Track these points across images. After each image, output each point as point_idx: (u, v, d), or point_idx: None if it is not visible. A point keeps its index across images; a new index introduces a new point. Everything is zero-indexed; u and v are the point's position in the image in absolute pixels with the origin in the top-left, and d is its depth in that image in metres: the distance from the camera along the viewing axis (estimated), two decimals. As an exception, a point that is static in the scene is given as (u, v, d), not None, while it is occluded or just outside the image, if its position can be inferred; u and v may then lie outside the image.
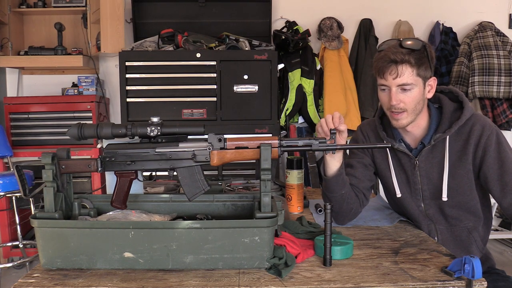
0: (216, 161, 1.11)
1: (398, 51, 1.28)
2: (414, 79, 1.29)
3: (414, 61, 1.27)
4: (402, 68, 1.28)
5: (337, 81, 3.36)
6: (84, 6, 3.40)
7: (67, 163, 1.10)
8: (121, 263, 1.03)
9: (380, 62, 1.31)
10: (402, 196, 1.45)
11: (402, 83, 1.29)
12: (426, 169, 1.40)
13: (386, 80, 1.31)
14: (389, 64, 1.29)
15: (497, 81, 3.35)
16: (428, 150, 1.38)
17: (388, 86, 1.32)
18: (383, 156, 1.49)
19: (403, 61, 1.27)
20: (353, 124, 3.41)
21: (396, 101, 1.31)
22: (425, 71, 1.30)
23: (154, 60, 3.03)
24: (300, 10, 3.64)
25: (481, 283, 0.96)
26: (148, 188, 1.84)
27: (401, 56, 1.27)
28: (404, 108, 1.32)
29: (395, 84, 1.30)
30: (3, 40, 3.36)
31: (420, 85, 1.31)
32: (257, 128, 3.03)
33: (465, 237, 1.41)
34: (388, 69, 1.29)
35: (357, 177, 1.47)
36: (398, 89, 1.31)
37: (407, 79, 1.28)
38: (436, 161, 1.38)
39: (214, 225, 1.02)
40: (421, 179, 1.41)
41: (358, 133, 1.58)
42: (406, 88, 1.30)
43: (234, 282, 0.96)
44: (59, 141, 3.17)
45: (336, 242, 1.12)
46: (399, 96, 1.31)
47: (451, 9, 3.69)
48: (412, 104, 1.32)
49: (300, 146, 1.12)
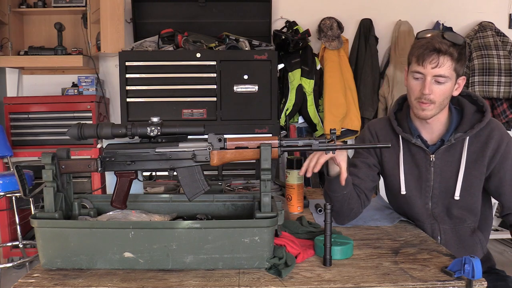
0: (216, 161, 1.11)
1: (442, 41, 1.27)
2: (450, 73, 1.29)
3: (456, 55, 1.27)
4: (444, 59, 1.26)
5: (337, 81, 3.36)
6: (84, 6, 3.39)
7: (67, 163, 1.10)
8: (121, 263, 1.03)
9: (422, 49, 1.29)
10: (407, 193, 1.45)
11: (439, 74, 1.27)
12: (441, 166, 1.40)
13: (424, 68, 1.28)
14: (431, 53, 1.27)
15: (497, 81, 3.35)
16: (446, 148, 1.38)
17: (424, 74, 1.30)
18: (394, 152, 1.47)
19: (446, 52, 1.26)
20: (353, 124, 3.41)
21: (428, 91, 1.29)
22: (461, 68, 1.30)
23: (154, 60, 3.03)
24: (300, 10, 3.64)
25: (481, 283, 0.96)
26: (148, 188, 1.84)
27: (445, 47, 1.26)
28: (433, 100, 1.31)
29: (432, 74, 1.28)
30: (3, 40, 3.36)
31: (453, 80, 1.31)
32: (257, 128, 3.03)
33: (468, 237, 1.41)
34: (430, 57, 1.27)
35: (360, 177, 1.47)
36: (433, 79, 1.29)
37: (445, 71, 1.27)
38: (452, 160, 1.39)
39: (214, 225, 1.02)
40: (434, 176, 1.41)
41: (366, 132, 1.56)
42: (441, 80, 1.29)
43: (234, 282, 0.96)
44: (59, 141, 3.17)
45: (336, 242, 1.12)
46: (432, 87, 1.29)
47: (451, 9, 3.69)
48: (441, 97, 1.31)
49: (300, 146, 1.12)
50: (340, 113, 3.34)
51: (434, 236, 1.41)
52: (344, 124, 3.41)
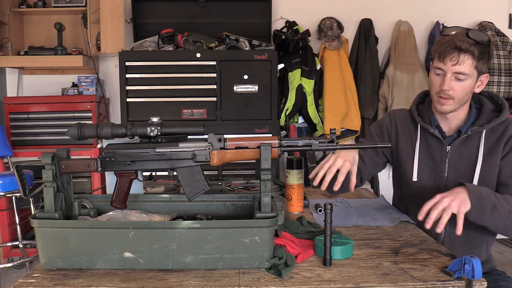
0: (216, 161, 1.11)
1: (464, 39, 1.29)
2: (471, 71, 1.31)
3: (477, 53, 1.29)
4: (464, 57, 1.29)
5: (337, 81, 3.36)
6: (84, 6, 3.39)
7: (67, 163, 1.10)
8: (121, 263, 1.03)
9: (444, 46, 1.32)
10: (418, 181, 1.47)
11: (459, 71, 1.30)
12: (456, 158, 1.41)
13: (445, 65, 1.32)
14: (452, 50, 1.30)
15: (497, 81, 3.36)
16: (462, 140, 1.40)
17: (444, 71, 1.33)
18: (411, 141, 1.50)
19: (467, 51, 1.28)
20: (353, 124, 3.41)
21: (448, 87, 1.32)
22: (483, 66, 1.32)
23: (154, 60, 3.03)
24: (300, 10, 3.64)
25: (481, 283, 0.96)
26: (148, 188, 1.84)
27: (466, 45, 1.28)
28: (452, 96, 1.34)
29: (452, 71, 1.31)
30: (3, 40, 3.36)
31: (474, 77, 1.33)
32: (257, 128, 3.03)
33: (476, 235, 1.40)
34: (450, 54, 1.30)
35: (364, 161, 1.51)
36: (453, 76, 1.32)
37: (465, 68, 1.30)
38: (467, 152, 1.40)
39: (214, 225, 1.02)
40: (448, 167, 1.42)
41: (386, 118, 1.60)
42: (461, 77, 1.31)
43: (234, 282, 0.96)
44: (59, 141, 3.17)
45: (336, 242, 1.12)
46: (451, 83, 1.33)
47: (451, 9, 3.69)
48: (461, 94, 1.34)
49: (300, 146, 1.12)
50: (340, 113, 3.34)
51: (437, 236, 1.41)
52: (344, 124, 3.41)
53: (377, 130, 1.58)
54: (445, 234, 1.42)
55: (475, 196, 1.18)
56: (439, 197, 1.18)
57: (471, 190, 1.19)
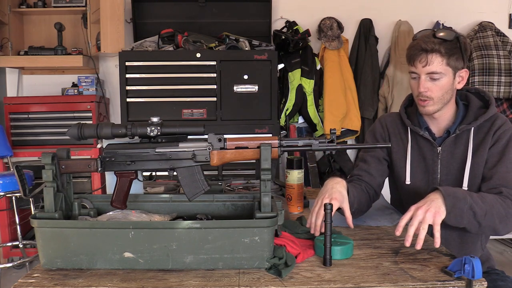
0: (216, 161, 1.11)
1: (430, 40, 1.31)
2: (443, 69, 1.32)
3: (444, 51, 1.30)
4: (432, 57, 1.31)
5: (337, 81, 3.36)
6: (84, 6, 3.39)
7: (67, 163, 1.10)
8: (121, 263, 1.03)
9: (412, 50, 1.35)
10: (411, 184, 1.46)
11: (431, 71, 1.32)
12: (447, 159, 1.42)
13: (416, 68, 1.35)
14: (419, 52, 1.32)
15: (497, 81, 3.36)
16: (451, 140, 1.41)
17: (418, 73, 1.35)
18: (402, 144, 1.50)
19: (433, 50, 1.30)
20: (353, 124, 3.41)
21: (423, 89, 1.34)
22: (456, 62, 1.33)
23: (154, 60, 3.03)
24: (300, 10, 3.64)
25: (481, 283, 0.96)
26: (148, 188, 1.84)
27: (432, 46, 1.30)
28: (430, 96, 1.35)
29: (424, 72, 1.33)
30: (3, 40, 3.36)
31: (449, 75, 1.34)
32: (257, 128, 3.03)
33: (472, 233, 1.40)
34: (418, 57, 1.33)
35: (371, 173, 1.50)
36: (427, 77, 1.34)
37: (436, 67, 1.31)
38: (458, 151, 1.41)
39: (214, 225, 1.02)
40: (441, 168, 1.43)
41: (377, 124, 1.60)
42: (435, 77, 1.33)
43: (234, 282, 0.96)
44: (59, 141, 3.17)
45: (336, 242, 1.12)
46: (427, 84, 1.34)
47: (451, 9, 3.69)
48: (439, 93, 1.35)
49: (300, 146, 1.12)
50: (340, 113, 3.34)
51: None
52: (344, 124, 3.41)
53: (372, 138, 1.59)
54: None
55: (450, 201, 1.15)
56: (413, 210, 1.14)
57: (446, 195, 1.15)
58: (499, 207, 1.22)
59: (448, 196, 1.15)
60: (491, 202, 1.21)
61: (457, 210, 1.16)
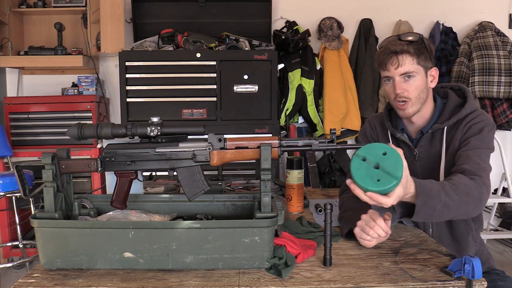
0: (216, 161, 1.11)
1: (397, 43, 1.35)
2: (415, 67, 1.35)
3: (413, 51, 1.34)
4: (402, 57, 1.34)
5: (337, 81, 3.36)
6: (84, 6, 3.39)
7: (67, 163, 1.10)
8: (121, 263, 1.03)
9: (381, 55, 1.38)
10: None
11: (404, 71, 1.35)
12: (425, 159, 1.43)
13: (389, 71, 1.37)
14: (390, 55, 1.35)
15: (497, 81, 3.35)
16: (426, 140, 1.42)
17: (392, 76, 1.37)
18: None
19: (402, 51, 1.34)
20: (353, 124, 3.41)
21: (400, 90, 1.36)
22: (425, 61, 1.36)
23: (154, 60, 3.03)
24: (300, 10, 3.64)
25: (481, 283, 0.96)
26: (148, 188, 1.84)
27: (401, 47, 1.34)
28: (408, 97, 1.37)
29: (398, 74, 1.36)
30: (3, 40, 3.36)
31: (421, 74, 1.36)
32: (257, 128, 3.03)
33: (460, 226, 1.41)
34: (390, 60, 1.35)
35: None
36: (401, 78, 1.36)
37: (408, 67, 1.34)
38: (434, 151, 1.42)
39: (214, 225, 1.02)
40: (420, 169, 1.44)
41: (366, 125, 1.63)
42: (408, 76, 1.35)
43: (234, 282, 0.96)
44: (59, 141, 3.17)
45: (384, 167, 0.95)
46: (402, 85, 1.36)
47: (451, 9, 3.69)
48: (416, 92, 1.37)
49: (300, 146, 1.12)
50: (340, 113, 3.34)
51: (425, 229, 1.43)
52: (344, 124, 3.41)
53: (364, 139, 1.61)
54: (433, 234, 1.43)
55: (422, 199, 1.08)
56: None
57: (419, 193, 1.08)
58: (474, 191, 1.17)
59: (421, 194, 1.08)
60: (465, 189, 1.15)
61: (427, 209, 1.10)
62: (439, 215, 1.13)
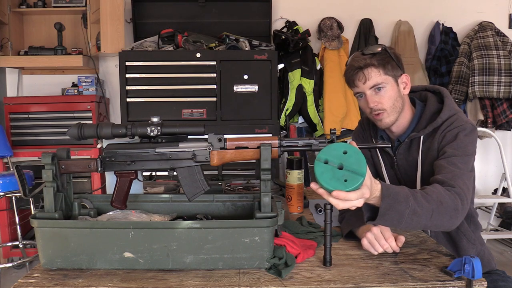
0: (216, 161, 1.11)
1: (360, 58, 1.35)
2: (383, 78, 1.35)
3: (377, 63, 1.34)
4: (368, 71, 1.34)
5: (337, 81, 3.36)
6: (84, 6, 3.40)
7: (67, 163, 1.10)
8: (121, 263, 1.03)
9: (348, 73, 1.39)
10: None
11: (372, 84, 1.35)
12: (404, 166, 1.44)
13: (358, 87, 1.37)
14: (356, 72, 1.36)
15: (497, 81, 3.36)
16: (404, 148, 1.43)
17: (362, 91, 1.38)
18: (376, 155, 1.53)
19: (367, 65, 1.34)
20: (353, 124, 3.41)
21: (373, 103, 1.36)
22: (393, 70, 1.36)
23: (154, 60, 3.03)
24: (300, 10, 3.65)
25: (481, 283, 0.96)
26: (148, 188, 1.84)
27: (364, 61, 1.34)
28: (382, 108, 1.37)
29: (367, 88, 1.36)
30: (3, 40, 3.37)
31: (391, 83, 1.36)
32: (257, 128, 3.03)
33: (454, 233, 1.41)
34: (356, 76, 1.36)
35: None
36: (371, 91, 1.36)
37: (376, 79, 1.34)
38: (411, 160, 1.42)
39: (214, 225, 1.02)
40: (400, 175, 1.45)
41: (358, 127, 1.63)
42: (378, 88, 1.35)
43: (234, 282, 0.96)
44: (59, 141, 3.17)
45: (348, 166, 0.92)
46: (374, 98, 1.36)
47: (451, 9, 3.69)
48: (389, 102, 1.36)
49: (300, 146, 1.12)
50: (340, 113, 3.34)
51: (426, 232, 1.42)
52: (344, 124, 3.41)
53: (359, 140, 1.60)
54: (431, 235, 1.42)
55: (387, 203, 1.04)
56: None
57: (384, 196, 1.04)
58: (449, 201, 1.12)
59: (386, 197, 1.04)
60: (438, 198, 1.11)
61: (394, 213, 1.04)
62: (408, 222, 1.07)
